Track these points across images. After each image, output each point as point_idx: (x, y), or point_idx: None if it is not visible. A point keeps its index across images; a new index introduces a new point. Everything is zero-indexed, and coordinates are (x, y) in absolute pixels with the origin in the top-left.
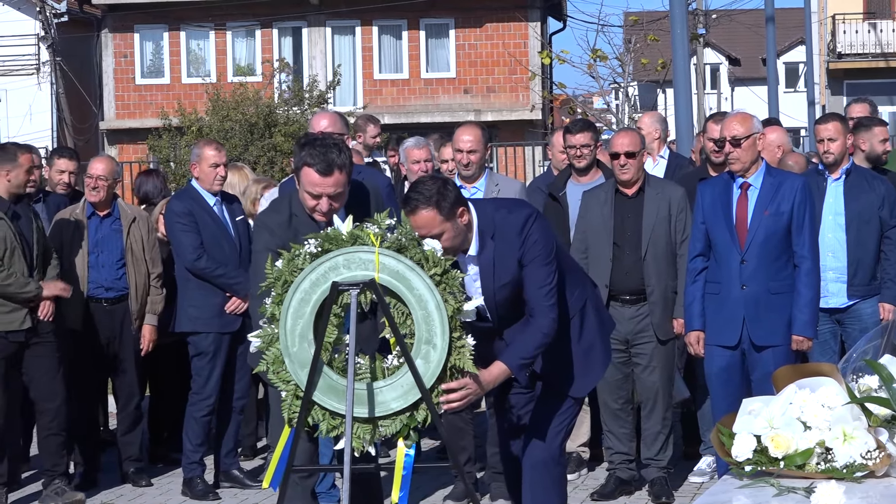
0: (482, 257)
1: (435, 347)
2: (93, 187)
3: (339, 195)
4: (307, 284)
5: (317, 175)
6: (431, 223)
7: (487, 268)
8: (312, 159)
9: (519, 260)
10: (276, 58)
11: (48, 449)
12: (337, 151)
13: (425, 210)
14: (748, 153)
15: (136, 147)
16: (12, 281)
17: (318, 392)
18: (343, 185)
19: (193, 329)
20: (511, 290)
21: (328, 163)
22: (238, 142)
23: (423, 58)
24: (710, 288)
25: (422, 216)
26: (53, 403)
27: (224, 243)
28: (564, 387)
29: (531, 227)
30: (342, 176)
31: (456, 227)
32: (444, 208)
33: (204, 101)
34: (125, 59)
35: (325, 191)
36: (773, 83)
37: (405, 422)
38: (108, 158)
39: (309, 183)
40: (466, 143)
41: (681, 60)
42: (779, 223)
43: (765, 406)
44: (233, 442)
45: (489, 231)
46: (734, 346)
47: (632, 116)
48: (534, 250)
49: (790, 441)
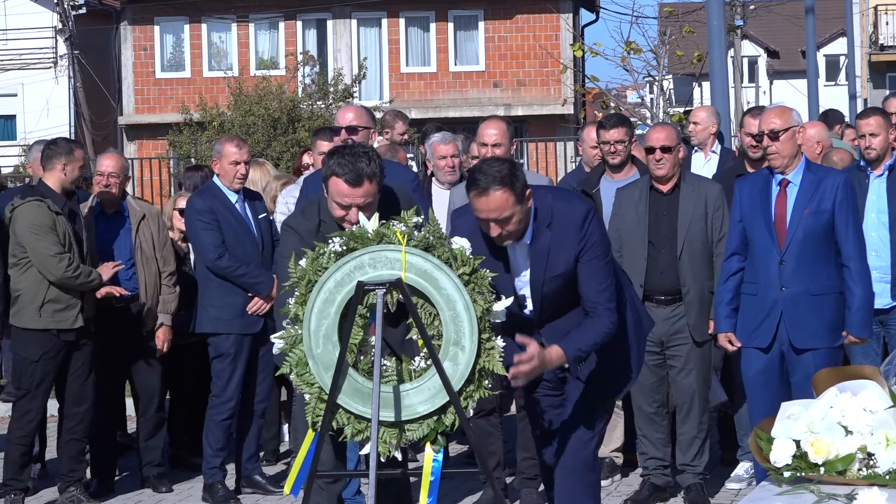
0: (536, 245)
1: (463, 349)
2: (105, 185)
3: (369, 205)
4: (332, 284)
5: (346, 186)
6: (504, 205)
7: (541, 257)
8: (341, 169)
9: (576, 255)
10: (300, 51)
11: (69, 453)
12: (367, 160)
13: (499, 191)
14: (787, 147)
15: (155, 143)
16: (80, 272)
17: (342, 395)
18: (373, 195)
19: (214, 330)
20: (561, 282)
21: (357, 173)
22: (261, 137)
23: (451, 50)
24: (747, 288)
25: (494, 197)
26: (81, 407)
27: (246, 242)
28: (597, 389)
29: (591, 222)
30: (372, 186)
31: (524, 210)
32: (516, 189)
33: (226, 95)
34: (145, 53)
35: (354, 201)
36: (812, 76)
37: (433, 426)
38: (117, 154)
39: (338, 193)
40: (491, 137)
41: (717, 53)
42: (819, 222)
43: (804, 410)
44: (255, 446)
45: (546, 220)
46: (767, 349)
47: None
48: (595, 248)
49: (831, 446)
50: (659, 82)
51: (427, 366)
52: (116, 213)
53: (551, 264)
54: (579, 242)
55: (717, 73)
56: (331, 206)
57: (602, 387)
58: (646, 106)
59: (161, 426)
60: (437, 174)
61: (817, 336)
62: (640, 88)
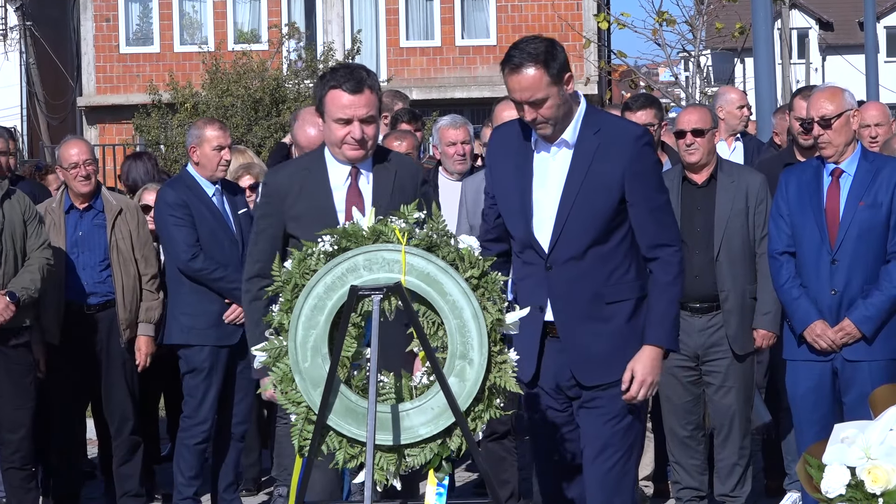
0: (580, 148)
1: (471, 363)
2: (84, 175)
3: (370, 119)
4: (321, 289)
5: (346, 94)
6: (536, 85)
7: (581, 163)
8: (338, 80)
9: (623, 172)
10: (284, 22)
11: (10, 483)
12: (366, 72)
13: (532, 68)
14: (840, 135)
15: (119, 127)
16: None
17: (333, 415)
18: (375, 109)
19: (185, 341)
20: (596, 200)
21: (358, 80)
22: (240, 121)
23: (457, 22)
24: None
25: (527, 76)
26: (16, 435)
27: (224, 240)
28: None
29: (647, 143)
30: (373, 96)
31: (562, 96)
32: (552, 68)
33: (200, 72)
34: (107, 24)
35: (356, 113)
36: (871, 51)
37: (436, 450)
38: (83, 140)
39: (338, 107)
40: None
41: (762, 25)
42: (877, 216)
43: (860, 432)
44: (233, 474)
45: (594, 125)
46: (824, 361)
47: (704, 91)
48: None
49: (891, 474)
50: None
51: (430, 382)
52: (88, 207)
53: (593, 171)
54: (630, 161)
55: (762, 48)
56: (330, 130)
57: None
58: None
59: (136, 450)
60: (445, 163)
61: (875, 347)
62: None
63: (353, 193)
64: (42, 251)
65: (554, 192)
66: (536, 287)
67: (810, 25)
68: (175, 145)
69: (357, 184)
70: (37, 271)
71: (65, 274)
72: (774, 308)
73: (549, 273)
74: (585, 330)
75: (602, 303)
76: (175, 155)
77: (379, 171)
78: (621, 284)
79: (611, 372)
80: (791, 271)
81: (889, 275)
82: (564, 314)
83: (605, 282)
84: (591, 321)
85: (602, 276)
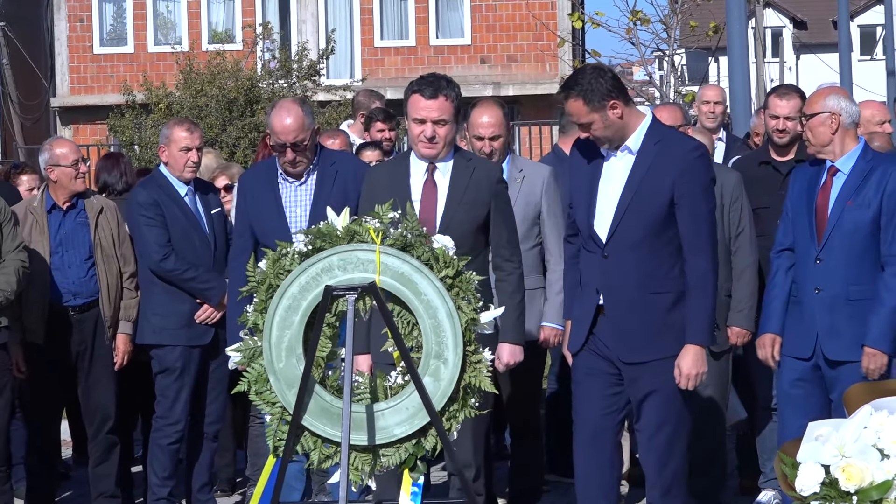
0: (641, 155)
1: (446, 363)
2: (82, 173)
3: (442, 122)
4: (296, 289)
5: (422, 99)
6: (579, 112)
7: (641, 168)
8: (420, 86)
9: (674, 179)
10: (258, 22)
11: None
12: (446, 82)
13: (573, 99)
14: (816, 135)
15: (94, 128)
16: None
17: (308, 416)
18: (448, 114)
19: (157, 341)
20: (649, 202)
21: (435, 87)
22: (214, 121)
23: (432, 22)
24: (794, 289)
25: (570, 105)
26: None
27: (196, 240)
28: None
29: (702, 157)
30: (447, 103)
31: (605, 119)
32: (591, 100)
33: (174, 73)
34: (81, 24)
35: (429, 115)
36: (845, 50)
37: (411, 450)
38: (68, 140)
39: (415, 109)
40: (488, 129)
41: (736, 23)
42: (864, 216)
43: (834, 431)
44: (207, 474)
45: (657, 136)
46: (808, 359)
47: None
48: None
49: (864, 472)
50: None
51: (405, 382)
52: (72, 207)
53: (651, 175)
54: (682, 170)
55: (736, 47)
56: (409, 130)
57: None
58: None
59: (113, 450)
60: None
61: (857, 347)
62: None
63: (428, 185)
64: (17, 253)
65: (615, 192)
66: (594, 273)
67: (784, 24)
68: (149, 146)
69: (433, 177)
70: (12, 273)
71: (49, 273)
72: (749, 305)
73: (604, 261)
74: (629, 313)
75: (646, 292)
76: (150, 155)
77: (458, 167)
78: (665, 279)
79: (647, 352)
80: (781, 268)
81: (886, 285)
82: (613, 298)
83: (652, 274)
84: (634, 306)
85: (649, 268)
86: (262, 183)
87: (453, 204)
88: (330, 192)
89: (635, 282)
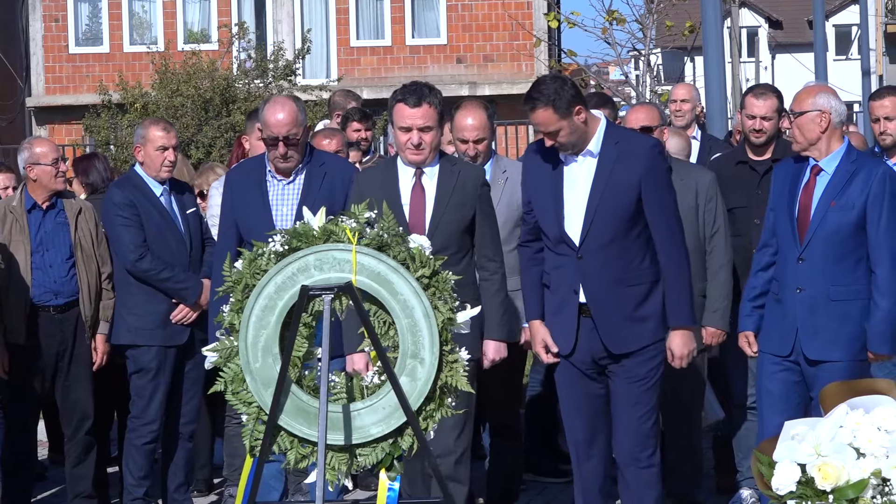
0: (604, 156)
1: (423, 363)
2: (57, 174)
3: (427, 129)
4: (272, 289)
5: (407, 108)
6: (548, 121)
7: (605, 169)
8: (404, 95)
9: (640, 176)
10: (234, 22)
11: None
12: (429, 90)
13: (542, 109)
14: (803, 133)
15: (69, 127)
16: None
17: (284, 415)
18: (433, 121)
19: (133, 342)
20: (617, 200)
21: (419, 95)
22: (190, 121)
23: (408, 21)
24: (773, 287)
25: (539, 114)
26: None
27: (171, 240)
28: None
29: (660, 153)
30: (431, 110)
31: (572, 125)
32: (560, 108)
33: (150, 72)
34: (56, 24)
35: (414, 122)
36: (820, 49)
37: (388, 450)
38: (47, 139)
39: (400, 117)
40: (473, 132)
41: (712, 23)
42: (847, 217)
43: (811, 430)
44: (183, 474)
45: (614, 137)
46: (787, 357)
47: (654, 90)
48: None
49: (840, 471)
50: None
51: (381, 382)
52: (52, 206)
53: (615, 176)
54: (646, 166)
55: (712, 47)
56: (396, 136)
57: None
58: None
59: (91, 450)
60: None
61: (835, 347)
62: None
63: (417, 190)
64: None
65: (582, 194)
66: (570, 274)
67: (760, 24)
68: (125, 145)
69: (420, 182)
70: None
71: (30, 273)
72: (723, 305)
73: (580, 262)
74: (611, 308)
75: (624, 286)
76: (125, 155)
77: (444, 172)
78: (638, 271)
79: (634, 342)
80: (760, 265)
81: (878, 288)
82: (594, 295)
83: (626, 268)
84: (615, 301)
85: (623, 263)
86: (249, 179)
87: (441, 207)
88: (318, 193)
89: (613, 278)
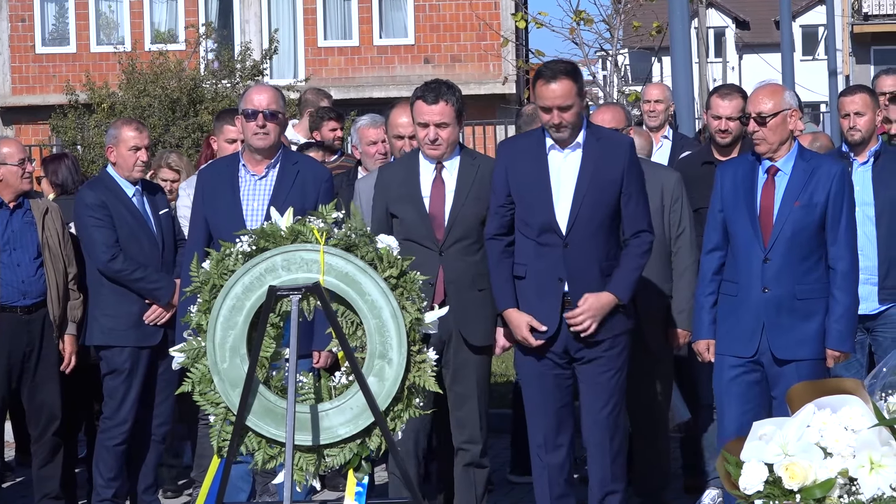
0: (588, 151)
1: (391, 363)
2: (24, 175)
3: (443, 125)
4: (239, 289)
5: (425, 104)
6: (568, 93)
7: (591, 162)
8: (423, 92)
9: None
10: (201, 22)
11: None
12: (447, 87)
13: (566, 79)
14: (775, 133)
15: (35, 128)
16: None
17: (252, 416)
18: (449, 118)
19: (106, 342)
20: (603, 192)
21: (437, 93)
22: (157, 121)
23: (375, 21)
24: (726, 288)
25: (562, 84)
26: None
27: (144, 241)
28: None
29: (633, 147)
30: (448, 108)
31: (579, 107)
32: (579, 83)
33: (116, 73)
34: (23, 24)
35: (431, 119)
36: (787, 49)
37: (356, 450)
38: (14, 139)
39: (419, 113)
40: (407, 128)
41: (679, 23)
42: (810, 216)
43: (778, 429)
44: (153, 476)
45: (596, 133)
46: (750, 357)
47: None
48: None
49: (808, 470)
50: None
51: (349, 382)
52: (19, 206)
53: (598, 174)
54: (627, 163)
55: (679, 47)
56: (416, 132)
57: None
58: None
59: (58, 451)
60: (365, 162)
61: (803, 346)
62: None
63: (437, 183)
64: None
65: (569, 184)
66: (555, 262)
67: (727, 24)
68: (92, 146)
69: (441, 175)
70: None
71: None
72: (690, 306)
73: (565, 251)
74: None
75: (603, 275)
76: (92, 156)
77: (464, 165)
78: (614, 261)
79: (609, 329)
80: (712, 269)
81: (838, 285)
82: (577, 283)
83: (605, 258)
84: (597, 289)
85: (603, 253)
86: (221, 176)
87: (461, 199)
88: (289, 190)
89: (597, 267)
